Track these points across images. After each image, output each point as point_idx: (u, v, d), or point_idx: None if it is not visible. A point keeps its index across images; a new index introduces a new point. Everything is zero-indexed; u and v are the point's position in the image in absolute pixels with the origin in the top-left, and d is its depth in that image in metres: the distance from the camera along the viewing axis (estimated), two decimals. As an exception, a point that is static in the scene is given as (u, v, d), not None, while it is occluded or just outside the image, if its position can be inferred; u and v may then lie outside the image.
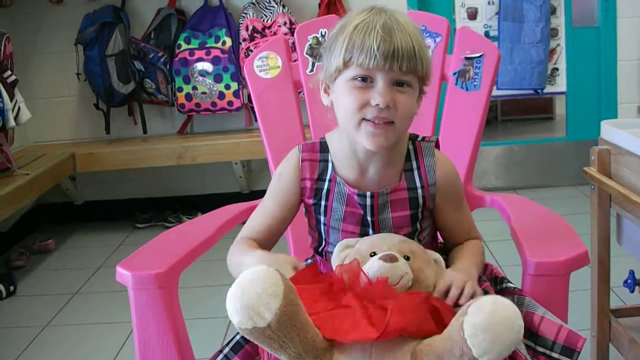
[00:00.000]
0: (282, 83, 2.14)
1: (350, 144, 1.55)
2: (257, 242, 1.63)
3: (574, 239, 1.60)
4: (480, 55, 2.06)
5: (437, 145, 1.63)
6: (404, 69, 1.43)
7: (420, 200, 1.57)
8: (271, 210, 1.64)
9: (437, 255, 1.52)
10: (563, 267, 1.49)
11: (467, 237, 1.65)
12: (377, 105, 1.43)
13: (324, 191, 1.59)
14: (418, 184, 1.57)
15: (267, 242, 1.65)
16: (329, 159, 1.60)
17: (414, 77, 1.47)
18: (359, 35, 1.44)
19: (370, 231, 1.57)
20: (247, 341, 1.49)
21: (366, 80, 1.45)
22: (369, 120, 1.46)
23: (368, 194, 1.55)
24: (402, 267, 1.40)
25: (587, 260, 1.52)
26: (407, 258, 1.44)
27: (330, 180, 1.59)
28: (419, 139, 1.61)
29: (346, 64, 1.46)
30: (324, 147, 1.61)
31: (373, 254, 1.44)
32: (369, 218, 1.56)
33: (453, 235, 1.65)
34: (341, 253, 1.51)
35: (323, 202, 1.59)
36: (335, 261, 1.50)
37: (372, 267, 1.39)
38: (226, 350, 1.50)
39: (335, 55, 1.48)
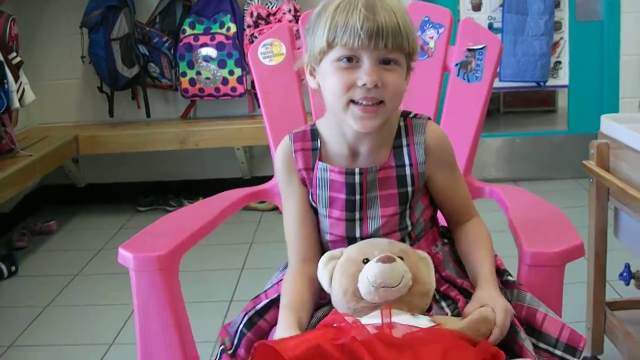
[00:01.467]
0: (286, 70, 2.15)
1: (339, 127, 1.53)
2: (307, 257, 1.57)
3: (570, 231, 1.62)
4: (483, 47, 2.07)
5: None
6: (390, 46, 1.41)
7: (409, 179, 1.54)
8: (295, 213, 1.60)
9: (424, 254, 1.49)
10: (558, 258, 1.51)
11: (466, 210, 1.63)
12: (364, 85, 1.41)
13: (312, 180, 1.58)
14: (406, 162, 1.55)
15: (315, 246, 1.59)
16: (319, 146, 1.58)
17: (401, 54, 1.45)
18: (341, 14, 1.41)
19: (357, 214, 1.54)
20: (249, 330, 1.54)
21: (352, 60, 1.42)
22: (357, 102, 1.43)
23: (357, 170, 1.53)
24: (401, 267, 1.38)
25: (582, 252, 1.54)
26: (400, 258, 1.41)
27: (314, 167, 1.57)
28: (411, 115, 1.59)
29: (330, 45, 1.43)
30: (314, 135, 1.59)
31: (366, 261, 1.41)
32: (357, 197, 1.54)
33: (450, 203, 1.62)
34: (327, 266, 1.47)
35: (310, 190, 1.58)
36: (322, 275, 1.46)
37: (372, 270, 1.37)
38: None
39: (318, 36, 1.45)
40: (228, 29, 4.21)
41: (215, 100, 4.37)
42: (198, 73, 4.23)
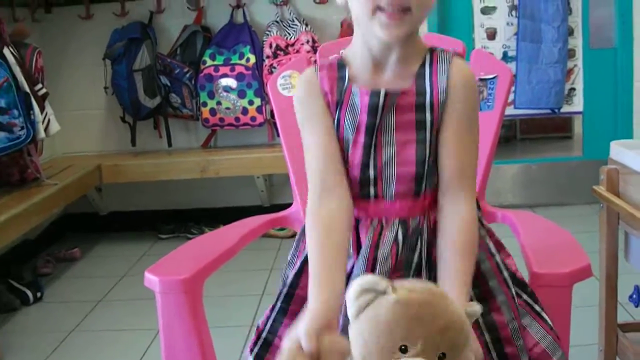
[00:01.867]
0: (304, 101, 2.21)
1: (365, 43, 1.48)
2: (330, 185, 1.48)
3: (578, 253, 1.67)
4: (494, 77, 2.14)
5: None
6: None
7: (428, 106, 1.46)
8: (317, 144, 1.52)
9: (475, 309, 1.25)
10: (566, 278, 1.57)
11: (463, 179, 1.48)
12: None
13: (340, 104, 1.50)
14: (427, 89, 1.47)
15: (341, 183, 1.49)
16: (346, 74, 1.51)
17: None
18: None
19: (373, 139, 1.47)
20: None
21: None
22: (383, 9, 1.39)
23: (382, 91, 1.46)
24: None
25: (589, 273, 1.59)
26: (443, 356, 1.16)
27: (344, 92, 1.50)
28: (438, 50, 1.52)
29: None
30: (341, 66, 1.53)
31: (404, 349, 1.15)
32: (377, 120, 1.47)
33: (449, 160, 1.48)
34: (359, 299, 1.18)
35: (336, 115, 1.51)
36: (351, 307, 1.19)
37: None
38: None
39: None
40: (247, 60, 4.29)
41: (235, 130, 4.44)
42: (218, 103, 4.31)
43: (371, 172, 1.49)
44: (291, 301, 1.56)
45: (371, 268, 1.47)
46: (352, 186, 1.50)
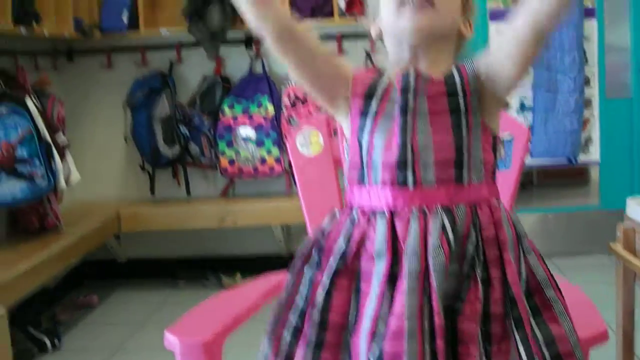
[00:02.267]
0: (323, 160, 2.23)
1: (396, 42, 1.54)
2: None
3: (595, 317, 1.68)
4: (511, 139, 2.16)
5: None
6: None
7: (460, 91, 1.48)
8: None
9: None
10: (583, 344, 1.58)
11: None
12: None
13: (379, 93, 1.51)
14: (457, 78, 1.49)
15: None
16: (384, 76, 1.54)
17: None
18: None
19: (408, 119, 1.46)
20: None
21: None
22: (407, 5, 1.46)
23: (412, 70, 1.49)
24: None
25: (606, 337, 1.60)
26: None
27: (385, 90, 1.51)
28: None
29: None
30: (380, 72, 1.57)
31: None
32: (409, 100, 1.47)
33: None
34: None
35: (375, 103, 1.51)
36: None
37: None
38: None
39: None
40: (266, 110, 4.33)
41: (254, 178, 4.48)
42: (237, 153, 4.35)
43: (409, 155, 1.45)
44: (325, 332, 1.46)
45: (424, 260, 1.39)
46: (390, 173, 1.46)
